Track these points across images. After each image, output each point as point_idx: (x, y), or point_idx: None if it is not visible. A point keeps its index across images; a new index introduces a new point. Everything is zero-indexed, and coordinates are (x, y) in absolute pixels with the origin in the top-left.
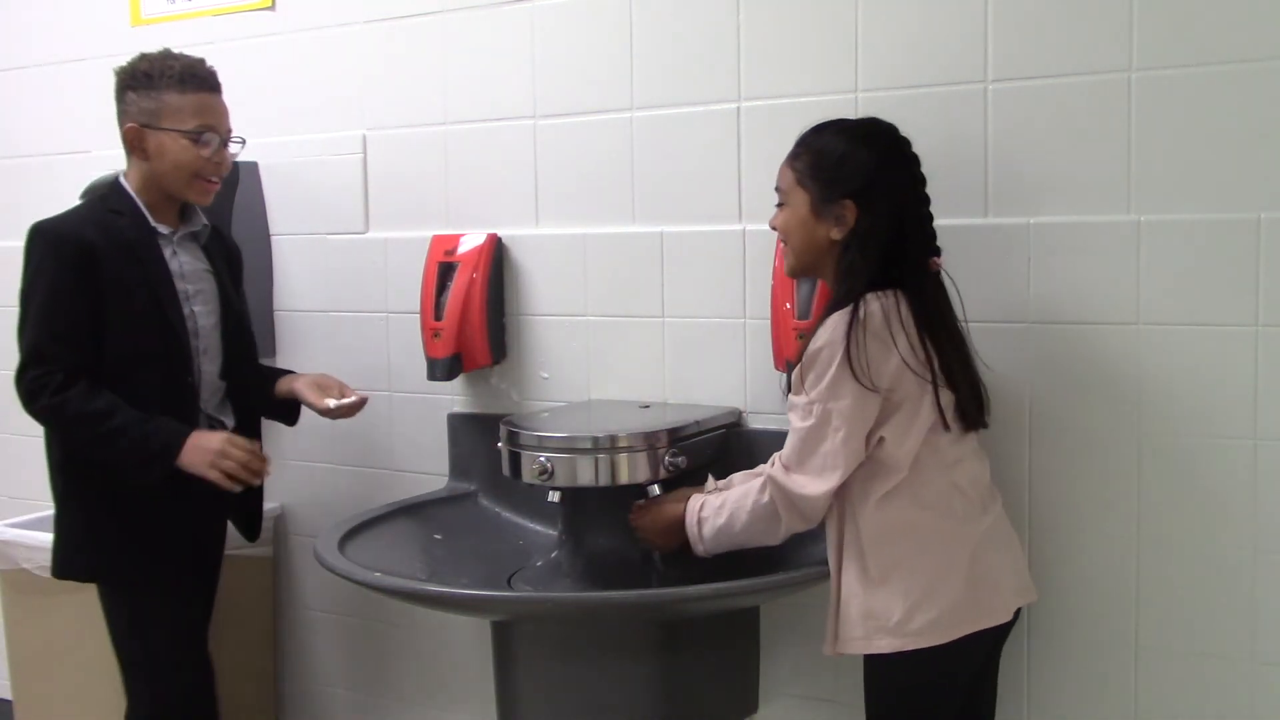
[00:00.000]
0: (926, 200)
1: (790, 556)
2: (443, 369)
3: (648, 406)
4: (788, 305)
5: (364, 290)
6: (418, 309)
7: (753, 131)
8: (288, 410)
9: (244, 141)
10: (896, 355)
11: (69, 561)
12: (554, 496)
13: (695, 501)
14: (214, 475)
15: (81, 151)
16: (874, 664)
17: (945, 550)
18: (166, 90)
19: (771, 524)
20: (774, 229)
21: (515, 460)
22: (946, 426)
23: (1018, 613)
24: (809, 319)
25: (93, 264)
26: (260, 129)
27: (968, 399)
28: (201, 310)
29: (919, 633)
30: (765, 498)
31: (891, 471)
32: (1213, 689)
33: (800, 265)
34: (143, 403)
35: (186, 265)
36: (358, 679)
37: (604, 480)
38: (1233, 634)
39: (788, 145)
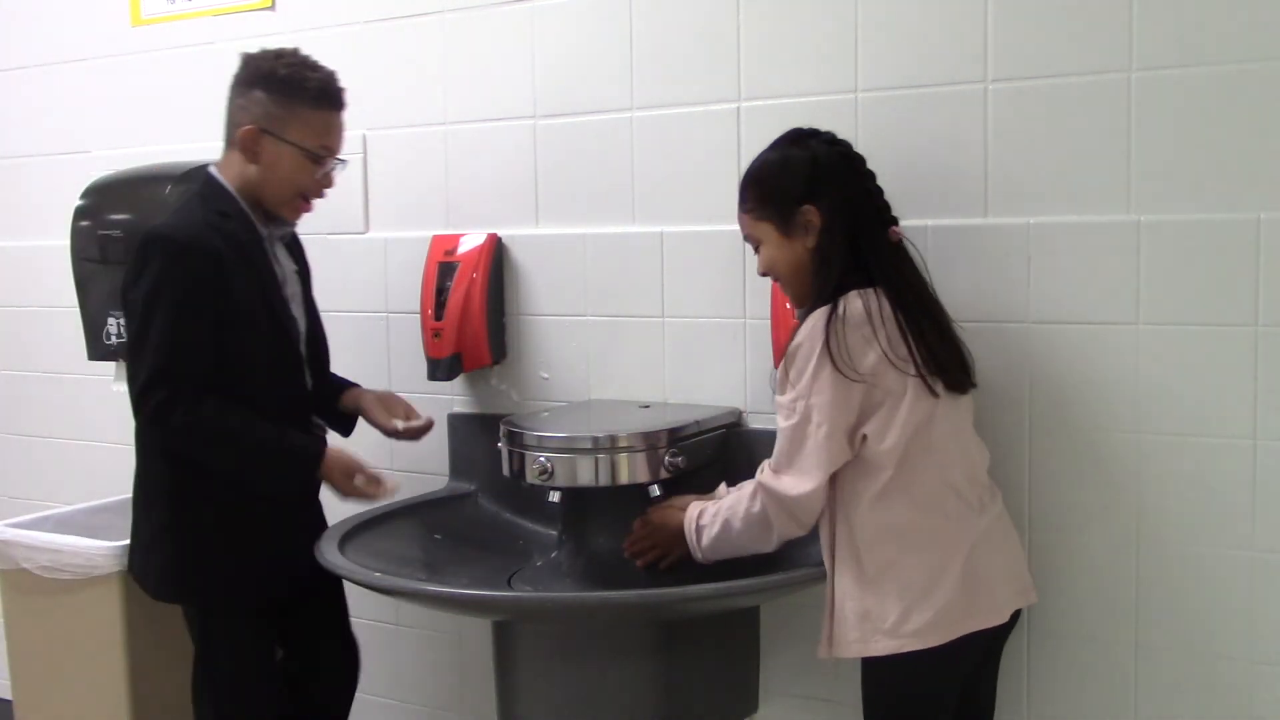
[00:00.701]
0: (871, 175)
1: (790, 556)
2: (443, 369)
3: (648, 406)
4: (788, 305)
5: (364, 290)
6: (418, 309)
7: (753, 131)
8: (346, 422)
9: (346, 162)
10: (877, 348)
11: (178, 584)
12: (554, 497)
13: (694, 509)
14: (348, 490)
15: (81, 151)
16: (870, 666)
17: (939, 551)
18: (301, 103)
19: (764, 530)
20: (763, 275)
21: (515, 460)
22: (935, 394)
23: (1017, 614)
24: None
25: (219, 272)
26: None
27: (951, 363)
28: (299, 315)
29: (914, 635)
30: (756, 505)
31: (877, 470)
32: (1213, 689)
33: (801, 292)
34: (261, 412)
35: (283, 269)
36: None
37: (604, 480)
38: (1233, 634)
39: None
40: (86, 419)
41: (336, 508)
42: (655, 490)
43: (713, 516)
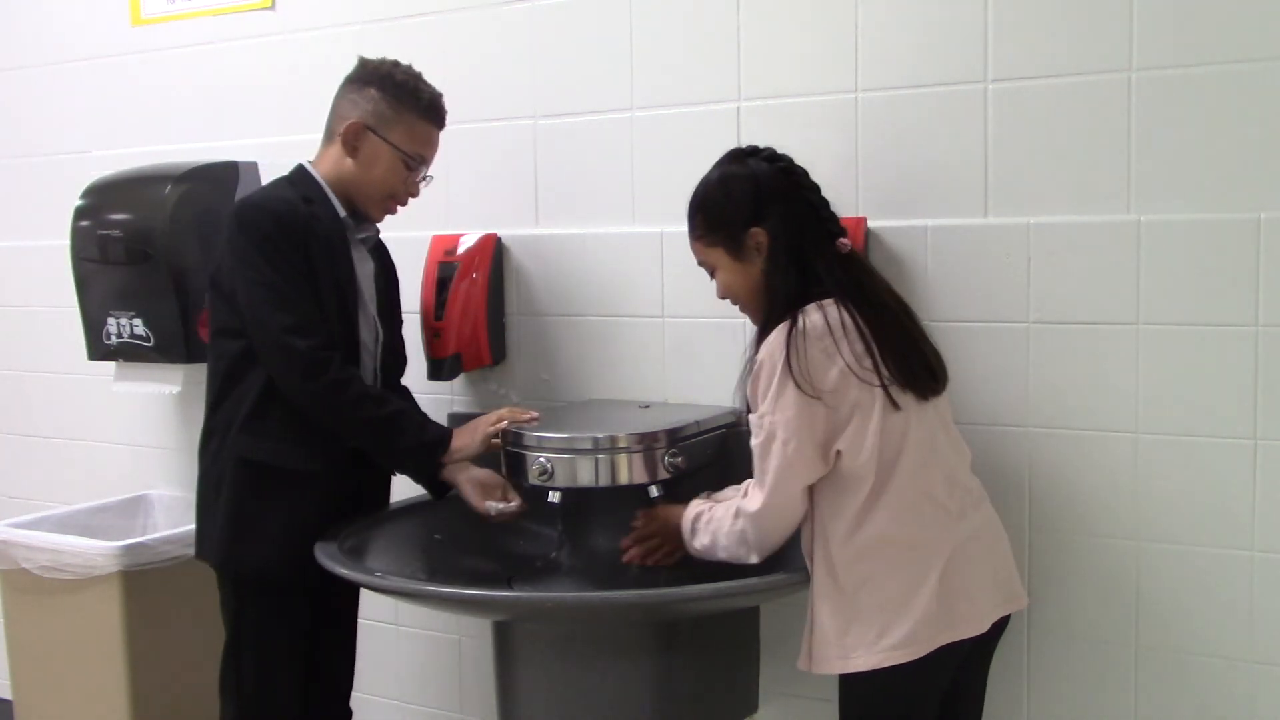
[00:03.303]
0: (814, 189)
1: (790, 557)
2: (443, 369)
3: (648, 406)
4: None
5: None
6: (418, 309)
7: (753, 131)
8: (439, 489)
9: (434, 177)
10: (840, 362)
11: (234, 553)
12: (554, 497)
13: (693, 509)
14: (479, 507)
15: (81, 151)
16: (846, 681)
17: (916, 564)
18: (410, 109)
19: (742, 547)
20: (723, 299)
21: (515, 461)
22: (896, 406)
23: (1004, 622)
24: None
25: (306, 246)
26: (260, 129)
27: (918, 369)
28: (373, 319)
29: (890, 650)
30: (737, 524)
31: (855, 484)
32: (1213, 689)
33: (761, 312)
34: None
35: (363, 269)
36: (358, 678)
37: (604, 480)
38: (1233, 634)
39: (788, 145)
40: (86, 419)
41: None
42: (655, 490)
43: (705, 524)
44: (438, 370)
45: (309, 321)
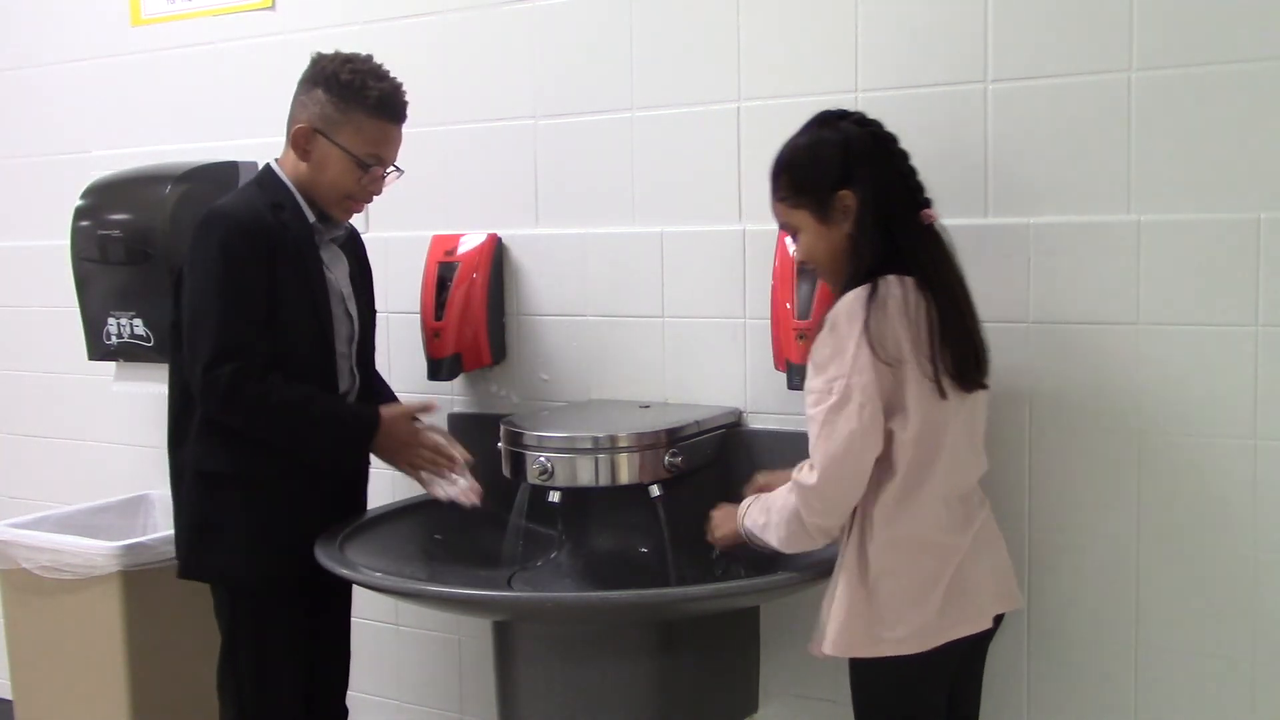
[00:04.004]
0: (904, 155)
1: (790, 556)
2: (443, 369)
3: (648, 406)
4: (788, 305)
5: None
6: (418, 309)
7: (753, 131)
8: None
9: (402, 171)
10: (908, 345)
11: (198, 561)
12: (554, 497)
13: (747, 500)
14: (411, 461)
15: (81, 152)
16: (858, 668)
17: (937, 560)
18: (358, 109)
19: (797, 526)
20: (803, 263)
21: (515, 460)
22: (943, 395)
23: (999, 619)
24: (809, 319)
25: (272, 255)
26: (260, 129)
27: (969, 359)
28: (350, 315)
29: (900, 641)
30: (791, 500)
31: (896, 471)
32: (1213, 689)
33: (841, 277)
34: None
35: (334, 268)
36: (358, 678)
37: (604, 480)
38: (1233, 634)
39: None
40: (86, 419)
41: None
42: (655, 490)
43: (760, 503)
44: (437, 370)
45: (235, 345)
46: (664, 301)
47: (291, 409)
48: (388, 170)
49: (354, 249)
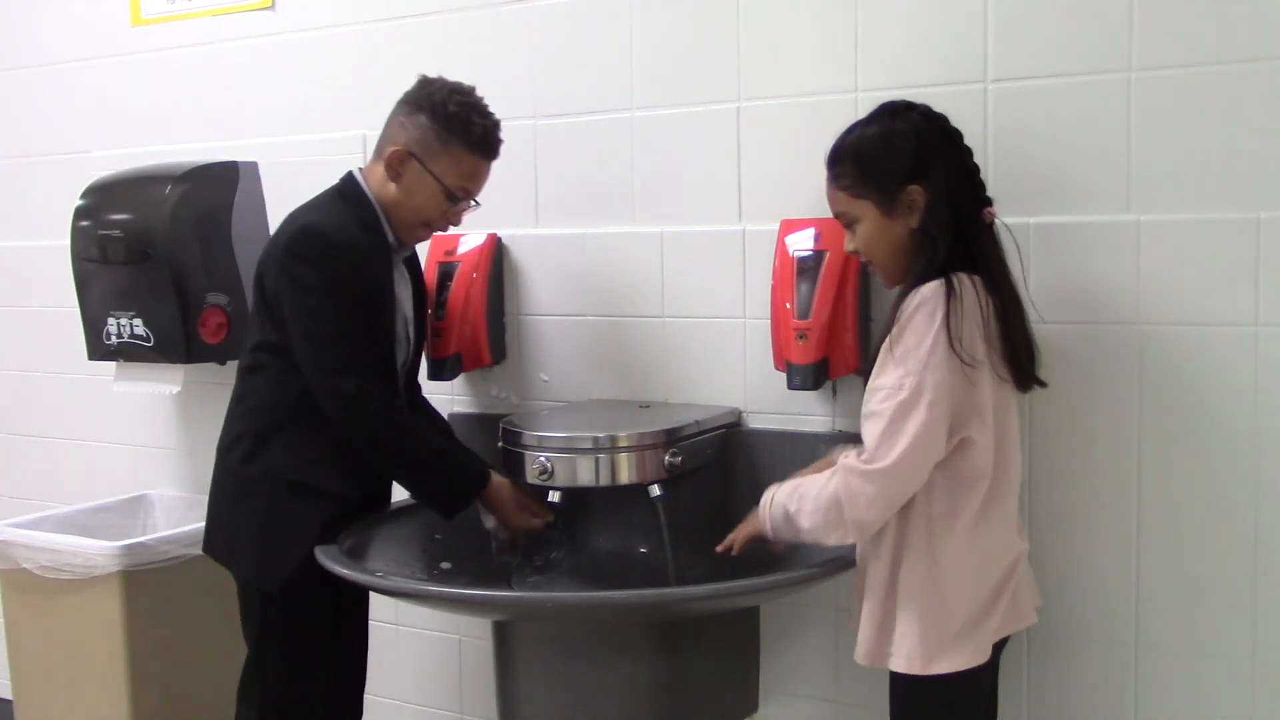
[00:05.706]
0: (969, 151)
1: (790, 556)
2: (443, 369)
3: (648, 406)
4: (787, 305)
5: None
6: None
7: (753, 131)
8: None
9: (480, 204)
10: (982, 344)
11: (269, 570)
12: (554, 497)
13: (774, 486)
14: (516, 520)
15: (81, 152)
16: (917, 682)
17: (1008, 567)
18: (459, 142)
19: (835, 516)
20: (855, 253)
21: (515, 460)
22: (1022, 389)
23: None
24: (809, 319)
25: (365, 276)
26: (260, 129)
27: (1025, 360)
28: (404, 339)
29: (977, 650)
30: (832, 487)
31: (976, 481)
32: (1213, 689)
33: (896, 272)
34: None
35: (401, 290)
36: None
37: (604, 480)
38: (1233, 634)
39: (788, 145)
40: (86, 419)
41: None
42: (655, 490)
43: (792, 489)
44: (438, 370)
45: (356, 357)
46: (664, 301)
47: (407, 434)
48: (471, 204)
49: (415, 270)
